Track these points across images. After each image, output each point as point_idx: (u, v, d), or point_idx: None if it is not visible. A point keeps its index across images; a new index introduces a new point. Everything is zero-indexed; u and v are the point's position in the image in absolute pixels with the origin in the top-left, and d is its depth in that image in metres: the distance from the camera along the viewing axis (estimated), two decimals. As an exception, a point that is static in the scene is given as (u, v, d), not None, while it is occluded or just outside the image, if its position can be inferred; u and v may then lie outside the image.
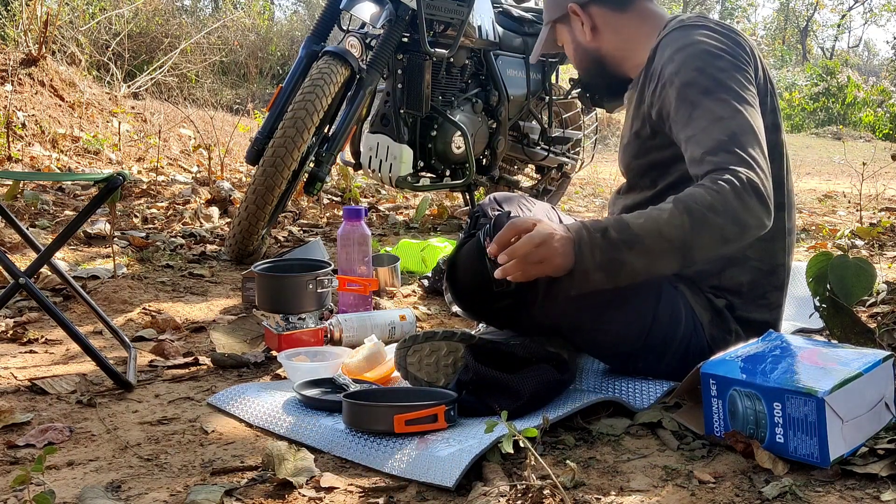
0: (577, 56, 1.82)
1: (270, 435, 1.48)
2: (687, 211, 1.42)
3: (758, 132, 1.50)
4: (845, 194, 5.23)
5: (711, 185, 1.43)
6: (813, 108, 14.42)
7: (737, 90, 1.52)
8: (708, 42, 1.57)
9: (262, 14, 12.43)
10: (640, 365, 1.64)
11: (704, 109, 1.50)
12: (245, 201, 2.75)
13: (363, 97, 2.98)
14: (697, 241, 1.43)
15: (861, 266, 1.79)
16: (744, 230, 1.44)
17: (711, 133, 1.48)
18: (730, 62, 1.55)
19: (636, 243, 1.42)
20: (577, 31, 1.77)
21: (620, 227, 1.44)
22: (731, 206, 1.41)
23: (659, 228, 1.42)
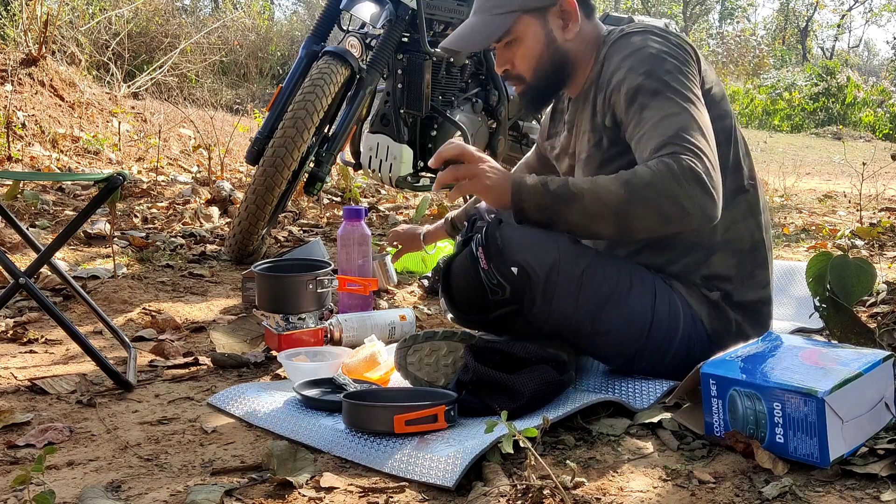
0: (542, 54, 1.72)
1: (270, 435, 1.48)
2: (625, 183, 1.48)
3: (703, 127, 1.53)
4: (845, 194, 5.23)
5: (654, 164, 1.48)
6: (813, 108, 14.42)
7: (682, 90, 1.55)
8: (652, 46, 1.61)
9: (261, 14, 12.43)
10: (644, 364, 1.64)
11: (653, 109, 1.54)
12: (245, 201, 2.75)
13: (363, 97, 2.98)
14: (633, 212, 1.48)
15: (861, 266, 1.79)
16: (683, 213, 1.47)
17: (659, 129, 1.52)
18: (674, 64, 1.58)
19: (574, 200, 1.51)
20: (555, 25, 1.71)
21: (561, 183, 1.53)
22: (668, 186, 1.45)
23: (597, 191, 1.50)
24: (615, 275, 1.60)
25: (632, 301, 1.59)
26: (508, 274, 1.54)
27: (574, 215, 1.52)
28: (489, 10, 1.72)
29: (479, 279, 1.55)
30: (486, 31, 1.72)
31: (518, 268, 1.53)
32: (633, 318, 1.59)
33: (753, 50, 18.30)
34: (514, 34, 1.71)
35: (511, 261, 1.54)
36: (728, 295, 1.66)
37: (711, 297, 1.66)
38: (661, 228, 1.52)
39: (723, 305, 1.66)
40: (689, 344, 1.62)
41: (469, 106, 3.48)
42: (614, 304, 1.57)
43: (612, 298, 1.56)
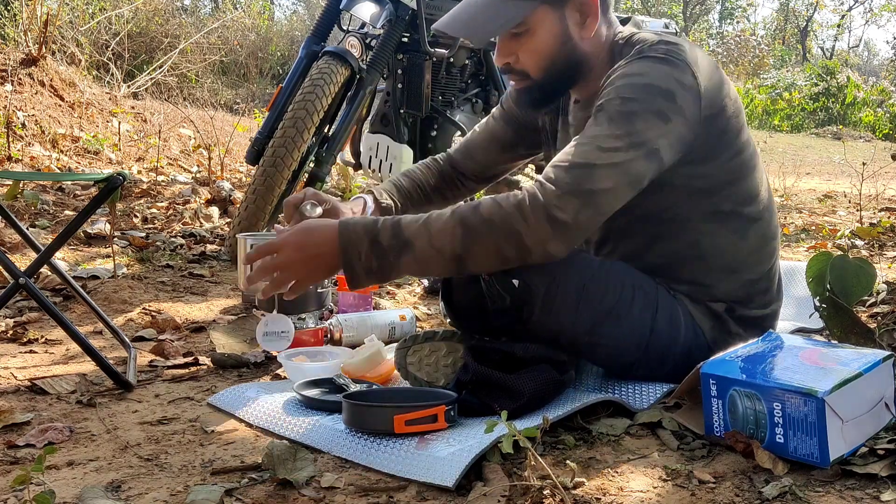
0: (555, 51, 1.56)
1: (270, 435, 1.48)
2: (461, 222, 1.38)
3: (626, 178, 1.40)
4: (845, 194, 5.23)
5: (504, 199, 1.38)
6: (813, 108, 14.42)
7: (643, 133, 1.41)
8: (652, 78, 1.44)
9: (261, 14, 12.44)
10: (641, 372, 1.63)
11: (596, 130, 1.42)
12: (245, 201, 2.75)
13: (363, 97, 2.98)
14: (469, 253, 1.39)
15: (861, 266, 1.79)
16: (522, 252, 1.39)
17: (575, 150, 1.41)
18: (658, 108, 1.42)
19: (406, 250, 1.39)
20: (573, 21, 1.56)
21: (394, 232, 1.40)
22: (511, 222, 1.36)
23: (430, 237, 1.38)
24: (617, 288, 1.56)
25: (631, 315, 1.56)
26: (509, 286, 1.52)
27: (407, 267, 1.41)
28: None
29: (479, 289, 1.54)
30: (497, 19, 1.52)
31: (519, 280, 1.51)
32: (631, 332, 1.58)
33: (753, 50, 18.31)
34: (527, 25, 1.53)
35: (512, 273, 1.52)
36: (732, 310, 1.65)
37: (715, 309, 1.64)
38: (500, 266, 1.44)
39: (726, 318, 1.64)
40: (689, 354, 1.60)
41: (469, 106, 3.48)
42: (613, 318, 1.55)
43: (612, 313, 1.54)
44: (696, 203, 1.57)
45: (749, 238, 1.62)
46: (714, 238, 1.60)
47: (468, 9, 1.55)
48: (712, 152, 1.53)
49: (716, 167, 1.55)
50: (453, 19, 1.56)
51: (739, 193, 1.59)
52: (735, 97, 1.58)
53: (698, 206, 1.58)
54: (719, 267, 1.62)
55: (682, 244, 1.61)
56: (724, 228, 1.60)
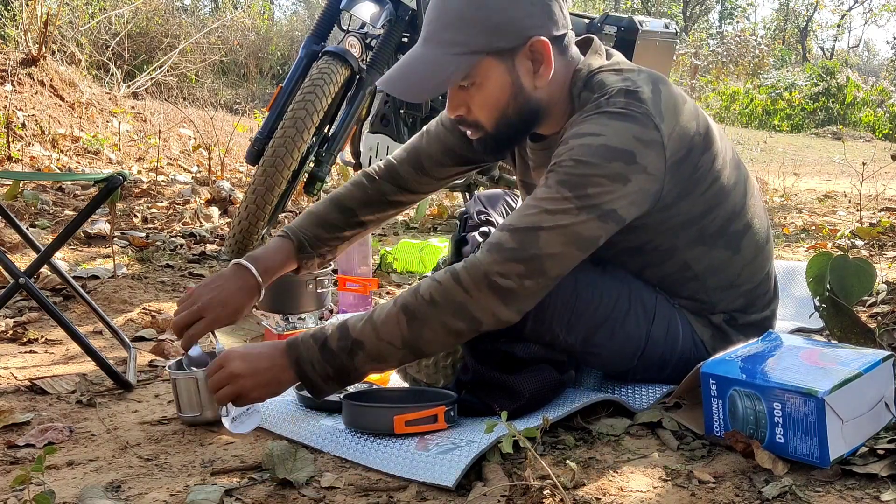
0: (507, 104, 1.45)
1: (270, 435, 1.48)
2: (404, 309, 1.33)
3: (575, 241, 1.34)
4: (845, 194, 5.23)
5: (442, 275, 1.34)
6: (813, 108, 14.43)
7: (595, 196, 1.34)
8: (610, 139, 1.36)
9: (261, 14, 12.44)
10: (639, 377, 1.63)
11: (542, 193, 1.36)
12: (245, 201, 2.75)
13: (363, 97, 2.98)
14: (419, 337, 1.34)
15: (861, 266, 1.79)
16: (473, 323, 1.33)
17: (521, 214, 1.35)
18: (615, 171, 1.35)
19: (357, 350, 1.34)
20: (524, 71, 1.43)
21: (341, 334, 1.35)
22: (453, 298, 1.31)
23: (377, 332, 1.34)
24: (613, 299, 1.53)
25: (626, 326, 1.55)
26: None
27: (363, 365, 1.36)
28: (444, 45, 1.40)
29: None
30: (440, 74, 1.41)
31: None
32: (626, 343, 1.56)
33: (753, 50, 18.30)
34: (473, 78, 1.42)
35: None
36: (733, 319, 1.64)
37: (715, 321, 1.63)
38: (456, 342, 1.39)
39: (726, 328, 1.63)
40: (688, 362, 1.59)
41: (469, 106, 3.48)
42: (608, 329, 1.53)
43: (606, 324, 1.53)
44: (677, 233, 1.52)
45: (742, 250, 1.59)
46: (706, 259, 1.57)
47: (409, 65, 1.44)
48: (685, 191, 1.47)
49: (692, 201, 1.49)
50: (393, 77, 1.45)
51: (723, 214, 1.54)
52: (705, 126, 1.50)
53: (682, 235, 1.53)
54: (716, 285, 1.60)
55: (674, 268, 1.57)
56: (714, 249, 1.56)
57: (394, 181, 1.76)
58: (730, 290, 1.62)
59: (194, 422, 1.52)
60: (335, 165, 3.65)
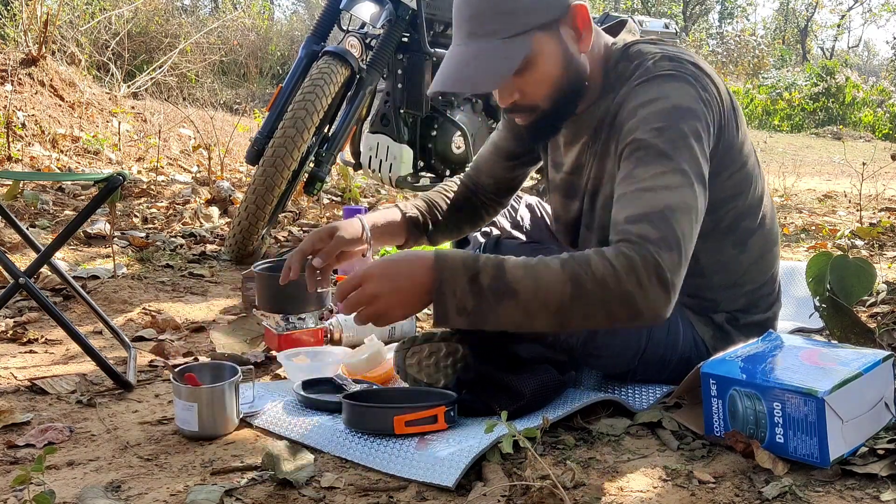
0: (560, 75, 1.46)
1: (270, 435, 1.48)
2: (573, 278, 1.27)
3: (692, 210, 1.33)
4: (845, 194, 5.23)
5: (614, 257, 1.27)
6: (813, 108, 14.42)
7: (691, 164, 1.35)
8: (676, 100, 1.39)
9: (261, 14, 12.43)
10: (639, 377, 1.64)
11: (648, 171, 1.35)
12: (245, 201, 2.75)
13: (363, 97, 2.98)
14: (577, 311, 1.28)
15: (861, 266, 1.79)
16: (634, 315, 1.28)
17: (644, 199, 1.33)
18: (693, 129, 1.37)
19: (508, 296, 1.27)
20: (569, 38, 1.45)
21: (496, 273, 1.28)
22: (624, 287, 1.26)
23: (537, 287, 1.27)
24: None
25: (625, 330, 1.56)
26: None
27: (506, 315, 1.28)
28: (491, 35, 1.40)
29: None
30: (502, 63, 1.40)
31: None
32: (626, 345, 1.57)
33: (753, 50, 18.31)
34: (528, 59, 1.42)
35: None
36: (735, 319, 1.64)
37: (716, 320, 1.63)
38: (605, 326, 1.35)
39: (728, 328, 1.63)
40: (689, 362, 1.59)
41: (469, 106, 3.48)
42: (608, 331, 1.54)
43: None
44: None
45: (750, 249, 1.60)
46: (713, 255, 1.57)
47: (460, 63, 1.43)
48: (717, 169, 1.48)
49: (719, 184, 1.49)
50: (450, 76, 1.44)
51: (739, 208, 1.56)
52: (736, 105, 1.53)
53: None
54: (720, 283, 1.60)
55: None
56: (723, 244, 1.57)
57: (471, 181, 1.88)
58: (733, 288, 1.62)
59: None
60: (335, 165, 3.65)
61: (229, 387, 1.48)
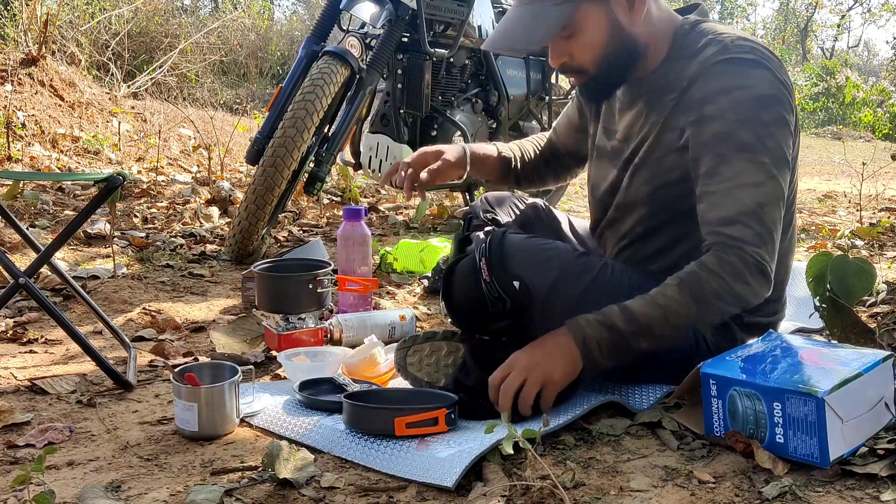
0: (607, 44, 1.53)
1: (270, 435, 1.48)
2: (695, 299, 1.42)
3: (782, 199, 1.45)
4: (845, 194, 5.23)
5: (719, 270, 1.41)
6: (813, 108, 14.42)
7: (776, 152, 1.44)
8: (758, 87, 1.45)
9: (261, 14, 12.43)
10: (640, 376, 1.63)
11: (734, 169, 1.43)
12: (245, 201, 2.75)
13: (363, 97, 2.98)
14: (701, 320, 1.47)
15: (861, 266, 1.79)
16: (747, 306, 1.47)
17: (734, 197, 1.42)
18: (776, 116, 1.44)
19: (644, 333, 1.43)
20: (620, 10, 1.51)
21: (629, 319, 1.43)
22: (735, 290, 1.42)
23: (667, 317, 1.42)
24: (616, 294, 1.53)
25: None
26: (510, 288, 1.52)
27: (643, 347, 1.45)
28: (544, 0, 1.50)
29: (480, 291, 1.54)
30: (541, 26, 1.49)
31: (520, 282, 1.51)
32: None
33: (753, 50, 18.26)
34: (574, 26, 1.50)
35: (513, 275, 1.52)
36: (738, 317, 1.63)
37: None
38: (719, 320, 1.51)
39: (731, 325, 1.62)
40: (689, 359, 1.59)
41: (469, 106, 3.48)
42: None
43: None
44: None
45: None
46: None
47: (513, 20, 1.54)
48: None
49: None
50: (496, 37, 1.57)
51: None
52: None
53: None
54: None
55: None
56: None
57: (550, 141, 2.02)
58: None
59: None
60: (335, 165, 3.65)
61: (229, 387, 1.48)
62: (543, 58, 3.72)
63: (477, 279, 1.54)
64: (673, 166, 1.55)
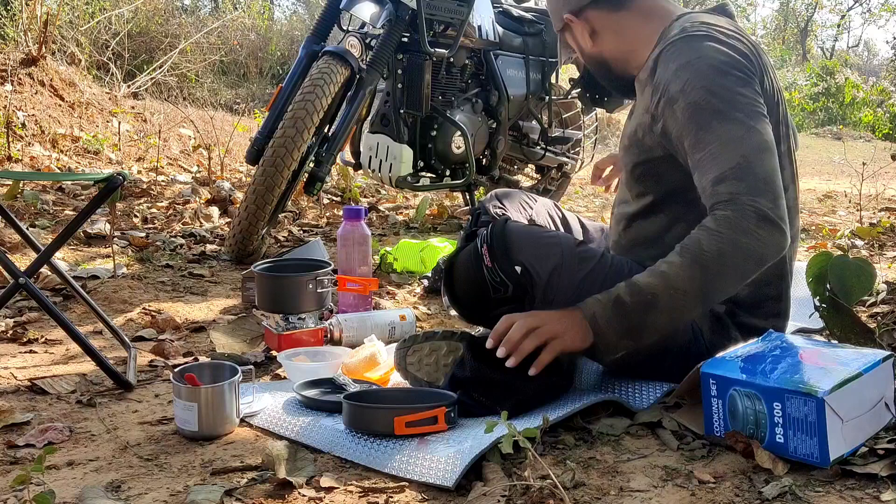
0: (585, 60, 1.78)
1: (270, 435, 1.48)
2: (697, 262, 1.41)
3: (770, 147, 1.45)
4: (845, 194, 5.23)
5: (717, 227, 1.40)
6: (813, 108, 14.41)
7: (747, 107, 1.47)
8: (714, 56, 1.51)
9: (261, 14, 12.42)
10: (638, 370, 1.64)
11: (713, 133, 1.46)
12: (245, 201, 2.75)
13: (363, 97, 2.98)
14: (715, 286, 1.43)
15: (861, 266, 1.79)
16: (762, 260, 1.42)
17: (720, 158, 1.44)
18: (736, 77, 1.49)
19: (652, 304, 1.42)
20: (579, 37, 1.73)
21: (633, 291, 1.44)
22: (741, 245, 1.39)
23: (671, 285, 1.42)
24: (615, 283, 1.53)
25: None
26: (512, 273, 1.54)
27: (656, 320, 1.44)
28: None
29: (481, 276, 1.56)
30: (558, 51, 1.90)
31: (521, 267, 1.54)
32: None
33: (753, 50, 18.25)
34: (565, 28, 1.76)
35: (515, 260, 1.54)
36: (734, 314, 1.64)
37: (716, 310, 1.63)
38: (743, 283, 1.46)
39: (726, 320, 1.63)
40: (686, 354, 1.60)
41: (469, 106, 3.47)
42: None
43: None
44: None
45: None
46: None
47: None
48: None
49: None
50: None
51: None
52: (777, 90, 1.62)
53: None
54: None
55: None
56: None
57: None
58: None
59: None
60: (335, 165, 3.65)
61: (229, 387, 1.48)
62: (543, 58, 3.71)
63: (479, 265, 1.56)
64: (653, 145, 1.61)
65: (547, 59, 3.72)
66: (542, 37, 3.71)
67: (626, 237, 1.74)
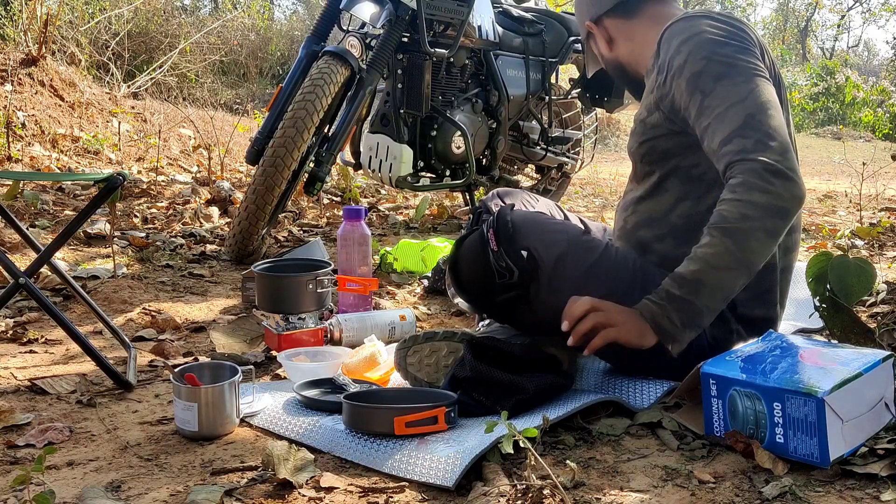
0: (605, 65, 1.88)
1: (270, 435, 1.48)
2: (726, 234, 1.44)
3: (773, 103, 1.50)
4: (845, 194, 5.23)
5: (733, 194, 1.43)
6: (813, 108, 14.41)
7: (748, 70, 1.52)
8: (711, 31, 1.58)
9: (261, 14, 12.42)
10: (640, 363, 1.63)
11: (716, 97, 1.51)
12: (245, 201, 2.75)
13: (363, 97, 2.98)
14: (750, 249, 1.44)
15: (861, 266, 1.79)
16: (785, 213, 1.44)
17: (726, 120, 1.48)
18: (735, 46, 1.56)
19: (700, 289, 1.45)
20: (599, 44, 1.83)
21: (679, 283, 1.47)
22: (759, 203, 1.41)
23: (711, 264, 1.45)
24: (621, 274, 1.59)
25: (631, 303, 1.57)
26: (517, 257, 1.55)
27: (712, 300, 1.47)
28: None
29: (487, 261, 1.57)
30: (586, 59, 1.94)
31: (527, 252, 1.54)
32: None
33: (753, 50, 18.23)
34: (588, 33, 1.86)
35: (521, 245, 1.56)
36: (733, 305, 1.64)
37: None
38: (778, 241, 1.47)
39: (726, 313, 1.63)
40: (689, 350, 1.60)
41: (469, 106, 3.47)
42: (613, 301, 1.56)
43: (612, 298, 1.55)
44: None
45: None
46: None
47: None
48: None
49: None
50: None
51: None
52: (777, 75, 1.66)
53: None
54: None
55: (704, 207, 1.61)
56: None
57: None
58: None
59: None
60: (335, 165, 3.65)
61: (229, 387, 1.48)
62: (543, 58, 3.71)
63: (485, 250, 1.56)
64: (656, 123, 1.65)
65: (547, 59, 3.72)
66: (542, 37, 3.71)
67: (631, 220, 1.75)
